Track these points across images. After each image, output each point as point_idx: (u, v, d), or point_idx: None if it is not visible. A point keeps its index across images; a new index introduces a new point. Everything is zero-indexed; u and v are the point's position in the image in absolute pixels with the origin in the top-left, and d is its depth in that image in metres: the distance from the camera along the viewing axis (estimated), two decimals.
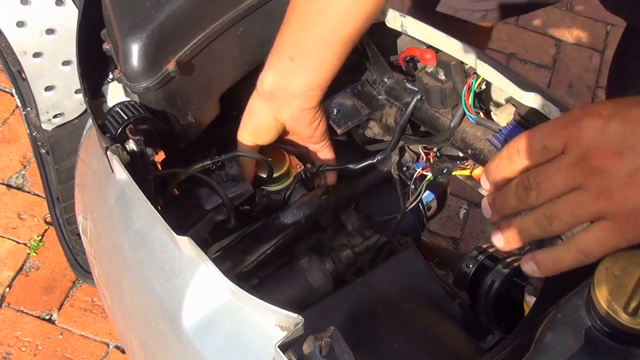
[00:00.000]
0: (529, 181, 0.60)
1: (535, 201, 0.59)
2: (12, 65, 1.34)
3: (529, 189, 0.60)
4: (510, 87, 0.78)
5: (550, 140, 0.59)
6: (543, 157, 0.59)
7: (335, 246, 0.96)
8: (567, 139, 0.58)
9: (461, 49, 0.82)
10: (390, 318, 0.87)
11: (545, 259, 0.60)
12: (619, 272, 0.58)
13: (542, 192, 0.59)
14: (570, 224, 0.58)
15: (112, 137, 0.84)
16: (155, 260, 0.76)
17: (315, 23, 0.81)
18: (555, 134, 0.58)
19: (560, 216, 0.58)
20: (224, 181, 0.92)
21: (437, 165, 0.96)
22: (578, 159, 0.57)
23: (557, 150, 0.58)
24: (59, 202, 1.52)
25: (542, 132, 0.60)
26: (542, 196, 0.59)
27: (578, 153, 0.57)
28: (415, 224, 1.05)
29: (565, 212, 0.58)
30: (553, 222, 0.59)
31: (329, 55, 0.84)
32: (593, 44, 2.31)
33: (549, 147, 0.59)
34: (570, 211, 0.57)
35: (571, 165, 0.57)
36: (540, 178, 0.59)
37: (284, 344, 0.58)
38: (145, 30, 0.84)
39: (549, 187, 0.58)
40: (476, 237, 1.94)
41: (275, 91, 0.87)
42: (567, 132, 0.58)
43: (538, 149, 0.59)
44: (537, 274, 0.61)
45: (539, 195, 0.59)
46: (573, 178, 0.57)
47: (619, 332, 0.57)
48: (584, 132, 0.57)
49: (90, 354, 1.70)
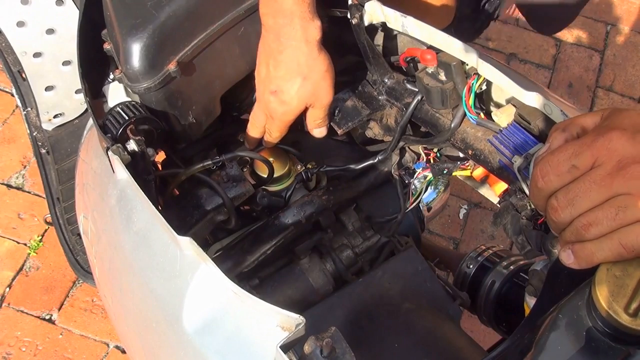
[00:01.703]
0: (558, 202, 0.61)
1: (569, 218, 0.61)
2: (12, 65, 1.34)
3: (558, 209, 0.61)
4: (512, 86, 0.78)
5: (578, 159, 0.60)
6: (571, 177, 0.61)
7: (336, 246, 0.96)
8: (598, 154, 0.59)
9: (462, 49, 0.82)
10: (390, 318, 0.87)
11: (583, 249, 0.60)
12: (620, 273, 0.58)
13: (575, 208, 0.60)
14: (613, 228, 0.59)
15: (113, 137, 0.84)
16: (156, 261, 0.76)
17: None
18: (584, 152, 0.60)
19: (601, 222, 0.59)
20: (225, 181, 0.92)
21: (438, 165, 0.96)
22: (614, 169, 0.58)
23: (585, 168, 0.60)
24: (59, 202, 1.52)
25: (566, 153, 0.61)
26: (575, 212, 0.60)
27: (613, 164, 0.59)
28: (415, 225, 1.05)
29: (607, 217, 0.59)
30: (590, 230, 0.59)
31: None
32: (593, 44, 2.32)
33: (577, 165, 0.60)
34: (612, 216, 0.58)
35: (608, 175, 0.59)
36: (572, 195, 0.60)
37: (286, 345, 0.58)
38: (146, 30, 0.84)
39: (584, 202, 0.60)
40: (476, 238, 1.94)
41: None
42: (596, 147, 0.60)
43: (565, 170, 0.61)
44: (573, 264, 0.61)
45: (573, 212, 0.60)
46: (611, 188, 0.58)
47: (620, 332, 0.57)
48: (615, 144, 0.59)
49: (90, 354, 1.70)
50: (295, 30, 0.84)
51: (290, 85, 0.87)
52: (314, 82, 0.88)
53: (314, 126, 0.95)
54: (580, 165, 0.60)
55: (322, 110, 0.92)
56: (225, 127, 1.05)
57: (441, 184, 1.08)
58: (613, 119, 0.62)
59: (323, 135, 0.97)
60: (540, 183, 0.62)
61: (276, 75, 0.88)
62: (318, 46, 0.86)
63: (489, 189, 0.99)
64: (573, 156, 0.60)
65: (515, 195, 0.79)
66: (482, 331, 1.07)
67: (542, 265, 0.75)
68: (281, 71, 0.87)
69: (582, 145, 0.61)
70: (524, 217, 0.77)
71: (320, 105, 0.91)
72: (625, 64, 2.32)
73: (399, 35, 0.94)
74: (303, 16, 0.83)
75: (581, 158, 0.60)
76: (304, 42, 0.85)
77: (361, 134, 1.05)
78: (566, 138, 0.64)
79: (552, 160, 0.62)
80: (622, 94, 2.25)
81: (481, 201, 1.98)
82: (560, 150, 0.62)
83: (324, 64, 0.87)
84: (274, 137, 0.96)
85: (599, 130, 0.61)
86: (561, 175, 0.61)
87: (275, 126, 0.93)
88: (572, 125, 0.65)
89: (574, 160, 0.60)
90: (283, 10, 0.82)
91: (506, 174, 0.83)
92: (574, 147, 0.61)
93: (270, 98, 0.89)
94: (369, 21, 0.91)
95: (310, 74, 0.87)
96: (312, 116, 0.93)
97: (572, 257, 0.61)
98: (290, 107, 0.90)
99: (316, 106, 0.91)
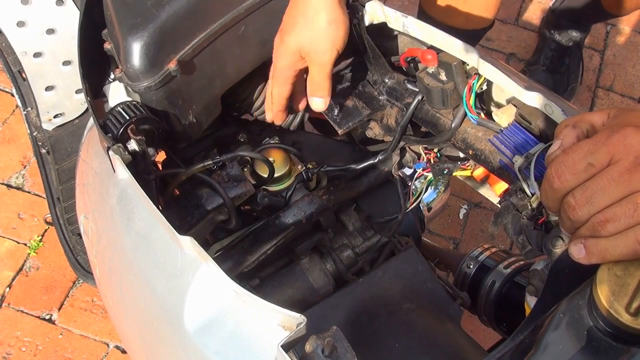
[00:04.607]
0: (575, 200, 0.60)
1: (587, 216, 0.60)
2: (12, 65, 1.34)
3: (576, 207, 0.60)
4: (513, 86, 0.78)
5: (594, 156, 0.60)
6: (587, 175, 0.60)
7: (336, 246, 0.96)
8: (614, 150, 0.59)
9: (462, 49, 0.82)
10: (391, 318, 0.87)
11: (597, 244, 0.60)
12: (621, 272, 0.58)
13: (594, 206, 0.59)
14: (630, 225, 0.59)
15: (113, 136, 0.84)
16: (156, 260, 0.76)
17: None
18: (600, 149, 0.60)
19: (619, 219, 0.58)
20: (225, 181, 0.92)
21: (438, 165, 0.96)
22: (632, 164, 0.58)
23: (602, 165, 0.59)
24: (59, 202, 1.52)
25: (581, 151, 0.61)
26: (594, 210, 0.60)
27: (631, 160, 0.58)
28: (415, 225, 1.05)
29: (625, 214, 0.58)
30: (606, 226, 0.59)
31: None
32: (593, 44, 2.31)
33: (594, 163, 0.60)
34: (631, 213, 0.58)
35: (627, 171, 0.58)
36: (590, 192, 0.59)
37: (287, 344, 0.58)
38: (146, 29, 0.84)
39: (602, 199, 0.59)
40: (476, 238, 1.94)
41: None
42: (612, 143, 0.59)
43: (582, 168, 0.60)
44: (582, 259, 0.60)
45: (591, 209, 0.60)
46: (629, 183, 0.58)
47: (621, 332, 0.57)
48: (631, 140, 0.58)
49: (90, 354, 1.70)
50: None
51: (291, 26, 0.86)
52: (314, 29, 0.85)
53: (312, 91, 0.91)
54: (596, 162, 0.59)
55: (320, 70, 0.89)
56: (226, 127, 1.05)
57: (441, 184, 1.08)
58: (622, 117, 0.62)
59: (320, 108, 0.93)
60: (556, 183, 0.61)
61: (287, 15, 0.87)
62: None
63: (489, 189, 0.99)
64: (589, 154, 0.60)
65: (515, 195, 0.79)
66: (482, 331, 1.07)
67: (543, 265, 0.75)
68: (291, 10, 0.87)
69: (597, 142, 0.60)
70: (524, 217, 0.77)
71: (318, 62, 0.88)
72: (625, 64, 2.32)
73: (400, 35, 0.94)
74: None
75: (597, 155, 0.59)
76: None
77: (361, 134, 1.05)
78: (577, 135, 0.64)
79: (567, 159, 0.61)
80: (622, 94, 2.25)
81: (481, 201, 1.98)
82: (574, 149, 0.61)
83: (330, 14, 0.84)
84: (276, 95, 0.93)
85: (612, 127, 0.61)
86: (578, 174, 0.60)
87: (275, 77, 0.92)
88: (582, 122, 0.64)
89: (590, 158, 0.60)
90: None
91: (507, 174, 0.83)
92: (588, 145, 0.60)
93: (277, 37, 0.89)
94: (369, 21, 0.92)
95: (313, 21, 0.85)
96: (310, 76, 0.90)
97: (583, 251, 0.60)
98: (287, 46, 0.87)
99: (314, 61, 0.88)
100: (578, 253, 0.60)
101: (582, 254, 0.60)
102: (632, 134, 0.59)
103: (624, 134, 0.59)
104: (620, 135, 0.59)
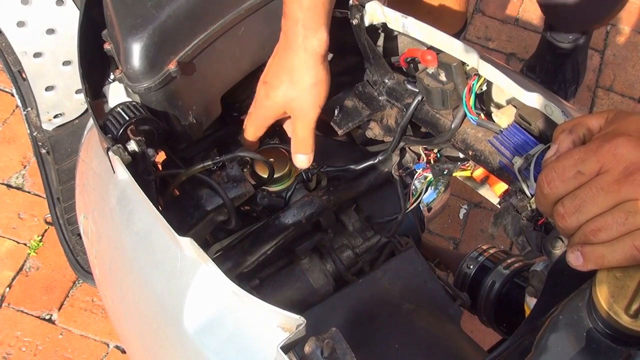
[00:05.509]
0: (564, 208, 0.61)
1: (577, 225, 0.60)
2: (12, 65, 1.33)
3: (565, 216, 0.60)
4: (513, 87, 0.78)
5: (584, 165, 0.60)
6: (577, 183, 0.60)
7: (336, 247, 0.96)
8: (604, 160, 0.59)
9: (462, 49, 0.82)
10: (391, 319, 0.87)
11: (594, 251, 0.60)
12: (621, 274, 0.58)
13: (582, 214, 0.60)
14: (623, 232, 0.59)
15: (113, 137, 0.84)
16: (156, 261, 0.76)
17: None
18: (590, 158, 0.60)
19: (610, 227, 0.59)
20: (225, 182, 0.92)
21: (438, 166, 0.96)
22: (621, 174, 0.58)
23: (591, 174, 0.60)
24: (59, 202, 1.52)
25: (571, 159, 0.61)
26: (583, 218, 0.60)
27: (620, 169, 0.58)
28: (415, 225, 1.05)
29: (616, 222, 0.58)
30: (598, 235, 0.59)
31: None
32: (593, 44, 2.31)
33: (583, 171, 0.60)
34: (622, 221, 0.58)
35: (615, 181, 0.58)
36: (579, 201, 0.60)
37: (286, 345, 0.59)
38: (146, 30, 0.84)
39: (591, 208, 0.59)
40: (476, 238, 1.94)
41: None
42: (602, 153, 0.59)
43: (571, 176, 0.60)
44: (580, 266, 0.60)
45: (580, 218, 0.60)
46: (619, 193, 0.58)
47: (620, 334, 0.57)
48: (621, 150, 0.59)
49: (90, 354, 1.70)
50: (297, 36, 0.84)
51: (278, 83, 0.88)
52: (299, 90, 0.88)
53: (296, 149, 0.92)
54: (586, 171, 0.60)
55: (305, 126, 0.90)
56: (226, 128, 1.05)
57: (441, 185, 1.08)
58: (618, 124, 0.62)
59: (304, 166, 0.94)
60: (546, 189, 0.62)
61: (272, 69, 0.89)
62: (315, 58, 0.86)
63: (489, 189, 0.99)
64: (579, 162, 0.60)
65: (515, 195, 0.79)
66: (482, 332, 1.07)
67: (543, 266, 0.75)
68: (276, 67, 0.88)
69: (588, 151, 0.60)
70: (524, 218, 0.77)
71: (303, 118, 0.90)
72: (625, 64, 2.32)
73: (400, 36, 0.94)
74: (306, 25, 0.83)
75: (587, 164, 0.60)
76: (302, 50, 0.85)
77: (361, 134, 1.05)
78: (573, 140, 0.64)
79: (558, 166, 0.61)
80: (622, 94, 2.26)
81: (481, 201, 1.98)
82: (566, 156, 0.61)
83: (314, 77, 0.87)
84: (249, 133, 0.95)
85: (604, 136, 0.61)
86: (567, 182, 0.60)
87: (253, 119, 0.93)
88: (579, 126, 0.65)
89: (580, 167, 0.60)
90: (291, 13, 0.83)
91: (506, 175, 0.83)
92: (579, 153, 0.61)
93: (260, 86, 0.91)
94: (369, 22, 0.92)
95: (298, 82, 0.87)
96: (295, 132, 0.91)
97: (581, 259, 0.60)
98: (274, 102, 0.89)
99: (299, 118, 0.90)
100: (576, 260, 0.61)
101: (580, 261, 0.60)
102: (623, 144, 0.59)
103: (615, 144, 0.59)
104: (611, 145, 0.59)
